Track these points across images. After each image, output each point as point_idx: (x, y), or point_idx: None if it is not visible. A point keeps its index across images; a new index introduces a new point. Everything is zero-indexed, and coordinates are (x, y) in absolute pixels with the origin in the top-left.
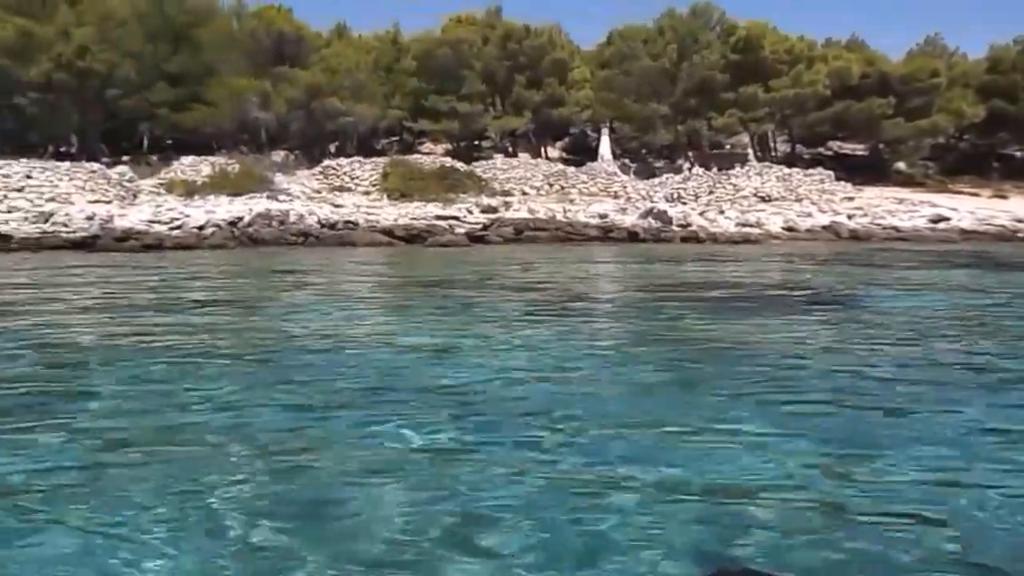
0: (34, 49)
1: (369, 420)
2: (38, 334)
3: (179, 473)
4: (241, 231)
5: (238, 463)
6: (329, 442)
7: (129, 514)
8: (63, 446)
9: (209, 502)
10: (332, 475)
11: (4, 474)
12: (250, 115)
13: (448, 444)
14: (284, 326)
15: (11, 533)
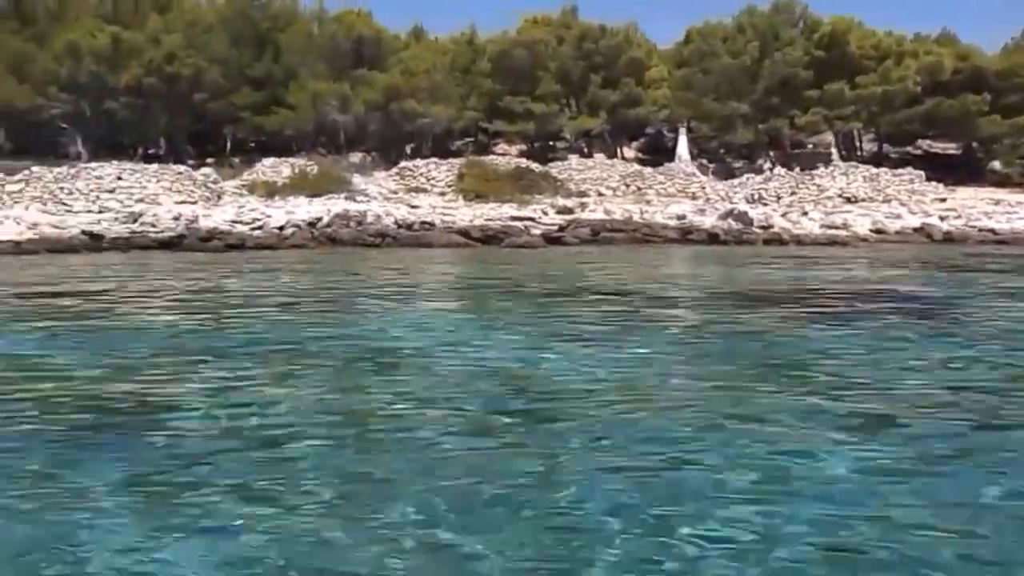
0: (126, 56)
1: (451, 429)
2: (128, 331)
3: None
4: (320, 231)
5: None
6: (414, 453)
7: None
8: (160, 450)
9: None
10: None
11: (124, 480)
12: (329, 117)
13: (531, 449)
14: (365, 329)
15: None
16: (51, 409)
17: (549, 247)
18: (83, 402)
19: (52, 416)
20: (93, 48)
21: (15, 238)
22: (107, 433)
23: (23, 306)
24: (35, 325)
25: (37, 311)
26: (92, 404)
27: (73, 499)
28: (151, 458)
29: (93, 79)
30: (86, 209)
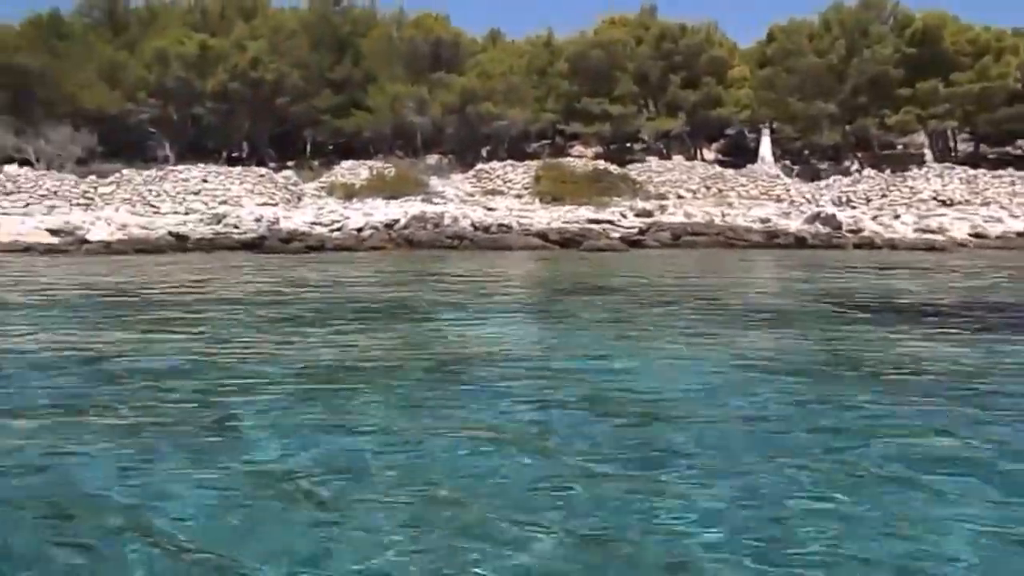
0: (212, 62)
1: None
2: (208, 335)
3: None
4: (397, 233)
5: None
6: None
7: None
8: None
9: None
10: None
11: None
12: (407, 120)
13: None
14: (441, 334)
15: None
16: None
17: (630, 251)
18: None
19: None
20: (181, 55)
21: (106, 238)
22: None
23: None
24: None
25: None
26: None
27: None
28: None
29: (181, 85)
30: (173, 211)
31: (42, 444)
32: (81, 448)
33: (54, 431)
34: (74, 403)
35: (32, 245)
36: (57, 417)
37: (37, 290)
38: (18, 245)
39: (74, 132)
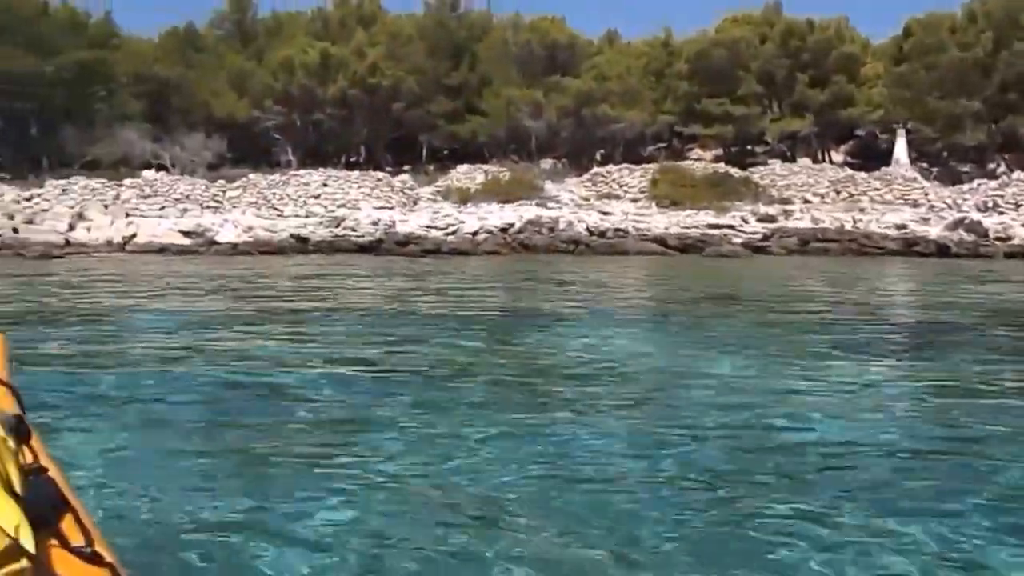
0: (333, 69)
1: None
2: (323, 338)
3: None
4: (512, 237)
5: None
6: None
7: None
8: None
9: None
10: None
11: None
12: (521, 124)
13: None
14: (562, 345)
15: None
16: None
17: (754, 257)
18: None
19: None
20: (304, 63)
21: (233, 240)
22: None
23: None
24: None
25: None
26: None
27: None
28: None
29: (303, 92)
30: (294, 214)
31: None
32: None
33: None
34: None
35: (166, 246)
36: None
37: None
38: (153, 246)
39: (206, 139)
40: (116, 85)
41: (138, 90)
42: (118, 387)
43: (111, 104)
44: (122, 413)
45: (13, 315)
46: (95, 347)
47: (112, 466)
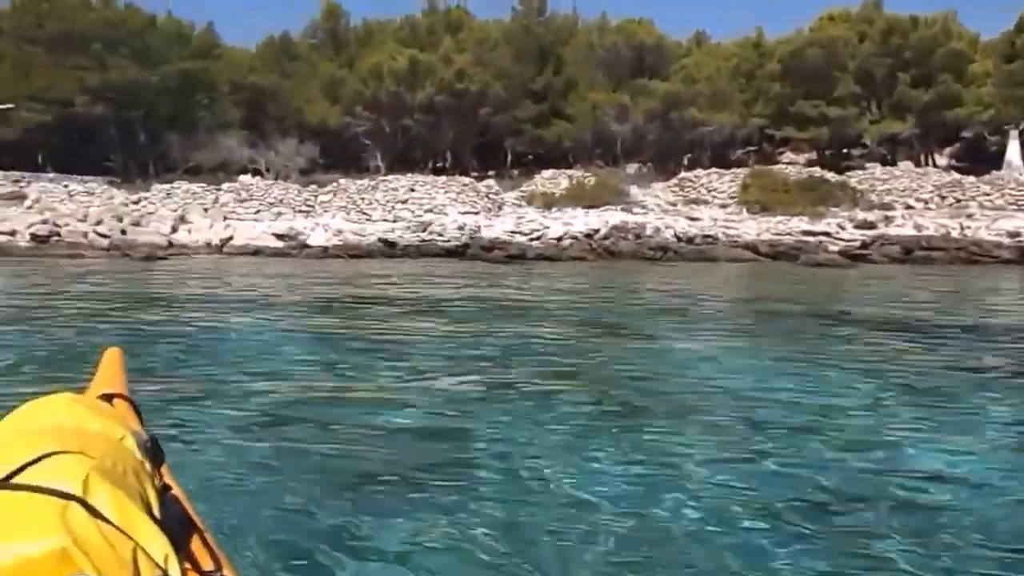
0: (421, 75)
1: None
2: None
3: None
4: (598, 243)
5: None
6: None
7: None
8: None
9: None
10: None
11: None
12: (607, 128)
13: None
14: (651, 358)
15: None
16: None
17: (855, 266)
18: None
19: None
20: (393, 69)
21: (323, 244)
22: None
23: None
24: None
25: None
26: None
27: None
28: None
29: (392, 98)
30: (383, 218)
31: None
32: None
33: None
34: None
35: (261, 248)
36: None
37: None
38: (249, 248)
39: (299, 144)
40: (217, 93)
41: (237, 98)
42: (211, 393)
43: (212, 111)
44: (213, 420)
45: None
46: (188, 354)
47: (201, 479)
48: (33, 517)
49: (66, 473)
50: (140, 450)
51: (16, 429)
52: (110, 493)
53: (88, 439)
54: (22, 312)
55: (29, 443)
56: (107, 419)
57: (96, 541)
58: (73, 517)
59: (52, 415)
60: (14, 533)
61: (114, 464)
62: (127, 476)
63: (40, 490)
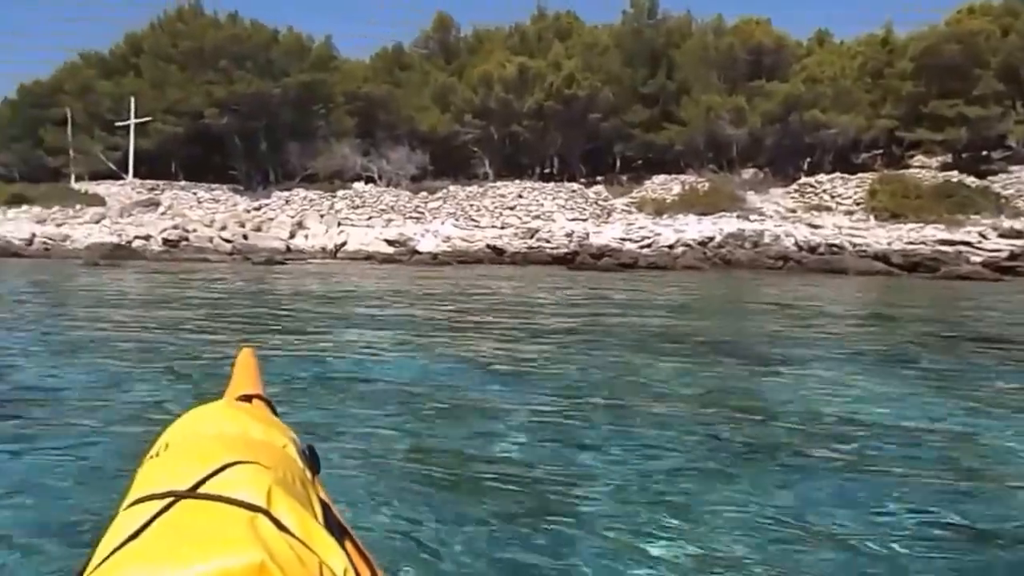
0: (530, 82)
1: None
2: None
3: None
4: (713, 252)
5: None
6: None
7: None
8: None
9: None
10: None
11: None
12: (722, 132)
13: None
14: (775, 381)
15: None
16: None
17: (1004, 279)
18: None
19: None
20: (502, 77)
21: (433, 250)
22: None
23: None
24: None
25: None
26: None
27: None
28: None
29: (501, 105)
30: (491, 224)
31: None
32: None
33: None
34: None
35: (372, 254)
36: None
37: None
38: (361, 253)
39: (410, 152)
40: (333, 104)
41: (351, 108)
42: (330, 396)
43: (328, 121)
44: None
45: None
46: (308, 355)
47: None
48: (225, 529)
49: (250, 484)
50: (300, 458)
51: (187, 437)
52: (290, 505)
53: (257, 448)
54: (157, 312)
55: (206, 452)
56: (268, 426)
57: (286, 555)
58: (263, 530)
59: (217, 423)
60: (210, 545)
61: (285, 474)
62: (296, 485)
63: (229, 501)
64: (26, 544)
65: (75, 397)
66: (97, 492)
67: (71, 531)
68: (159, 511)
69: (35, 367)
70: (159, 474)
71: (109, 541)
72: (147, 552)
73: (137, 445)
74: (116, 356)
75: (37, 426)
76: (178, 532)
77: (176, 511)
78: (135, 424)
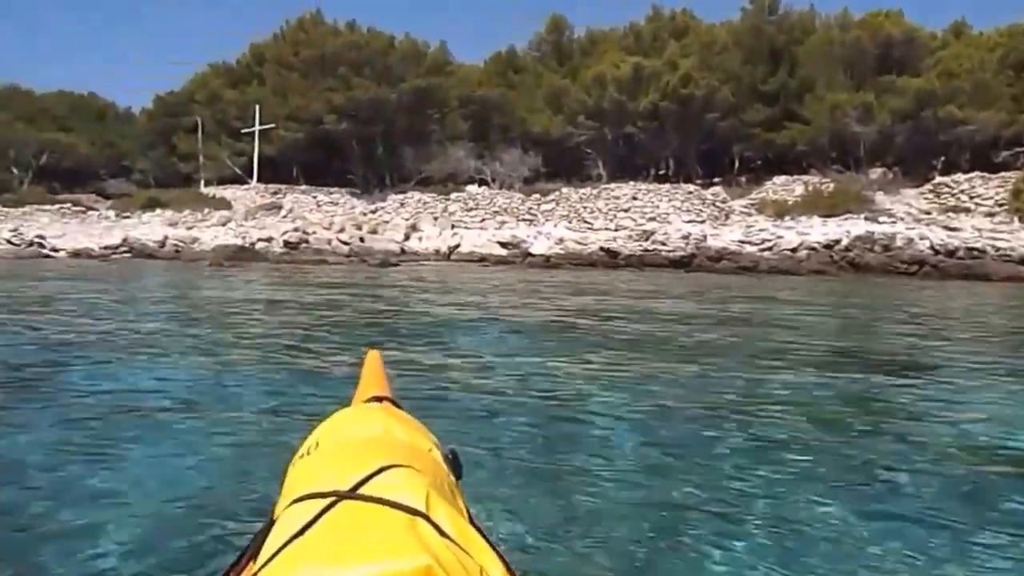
0: (644, 82)
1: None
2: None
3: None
4: (839, 255)
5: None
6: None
7: None
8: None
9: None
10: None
11: None
12: (848, 130)
13: None
14: (930, 405)
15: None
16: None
17: None
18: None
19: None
20: (616, 77)
21: (545, 252)
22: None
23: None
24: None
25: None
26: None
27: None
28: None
29: (615, 106)
30: (604, 227)
31: None
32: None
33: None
34: None
35: (485, 256)
36: None
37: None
38: (474, 256)
39: (523, 154)
40: (447, 108)
41: (465, 111)
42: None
43: (443, 125)
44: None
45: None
46: (431, 355)
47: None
48: (389, 532)
49: (408, 488)
50: (444, 462)
51: (337, 439)
52: (447, 511)
53: (407, 451)
54: (279, 313)
55: (360, 454)
56: (412, 429)
57: (450, 560)
58: (425, 534)
59: (364, 425)
60: (377, 547)
61: (435, 478)
62: (445, 489)
63: (391, 504)
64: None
65: (202, 394)
66: (228, 487)
67: (197, 527)
68: (322, 510)
69: (162, 366)
70: (316, 473)
71: (275, 537)
72: (317, 551)
73: (264, 442)
74: (241, 355)
75: (171, 420)
76: (344, 532)
77: (339, 511)
78: (264, 422)
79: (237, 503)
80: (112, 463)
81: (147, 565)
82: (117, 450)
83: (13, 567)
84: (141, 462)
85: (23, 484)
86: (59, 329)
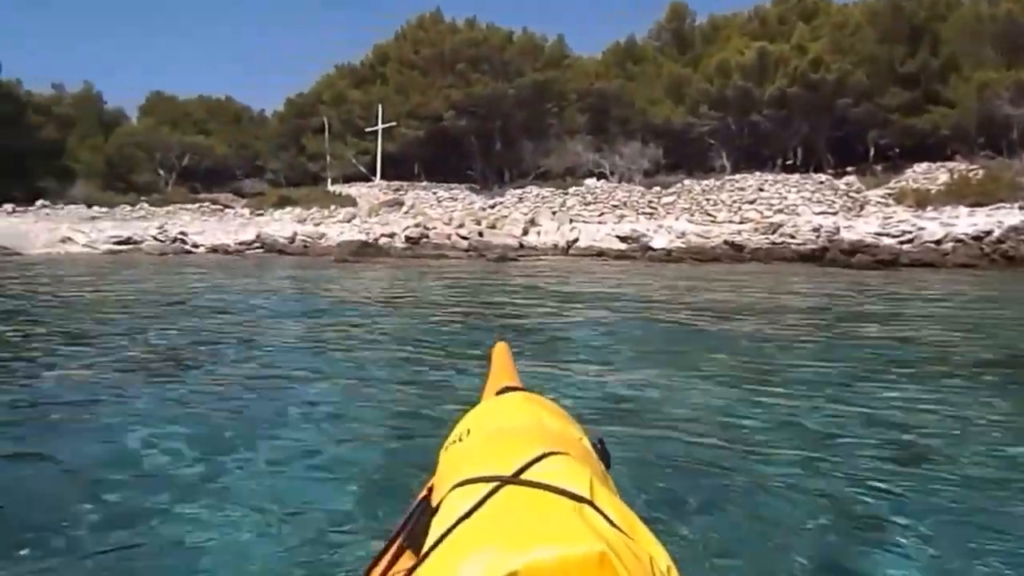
0: (771, 68)
1: None
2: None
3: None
4: (992, 247)
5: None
6: None
7: None
8: None
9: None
10: None
11: None
12: (999, 112)
13: None
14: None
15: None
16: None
17: None
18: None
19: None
20: (740, 64)
21: (666, 246)
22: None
23: None
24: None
25: None
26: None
27: None
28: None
29: (739, 94)
30: (728, 219)
31: None
32: None
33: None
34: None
35: (604, 250)
36: None
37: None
38: (593, 250)
39: (642, 146)
40: (566, 101)
41: (583, 104)
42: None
43: (561, 119)
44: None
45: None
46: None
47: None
48: (558, 517)
49: (571, 475)
50: (594, 450)
51: (488, 426)
52: (610, 499)
53: (560, 439)
54: (405, 306)
55: (517, 441)
56: (560, 418)
57: (621, 548)
58: (594, 521)
59: (514, 413)
60: (548, 532)
61: (594, 466)
62: (603, 477)
63: (555, 490)
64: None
65: (332, 381)
66: (366, 470)
67: (329, 513)
68: (487, 495)
69: (295, 359)
70: (474, 459)
71: (441, 520)
72: (488, 534)
73: (395, 428)
74: (369, 349)
75: (310, 410)
76: (514, 517)
77: (504, 496)
78: (395, 411)
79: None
80: (268, 439)
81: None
82: (270, 430)
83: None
84: (287, 442)
85: (184, 449)
86: (204, 322)
